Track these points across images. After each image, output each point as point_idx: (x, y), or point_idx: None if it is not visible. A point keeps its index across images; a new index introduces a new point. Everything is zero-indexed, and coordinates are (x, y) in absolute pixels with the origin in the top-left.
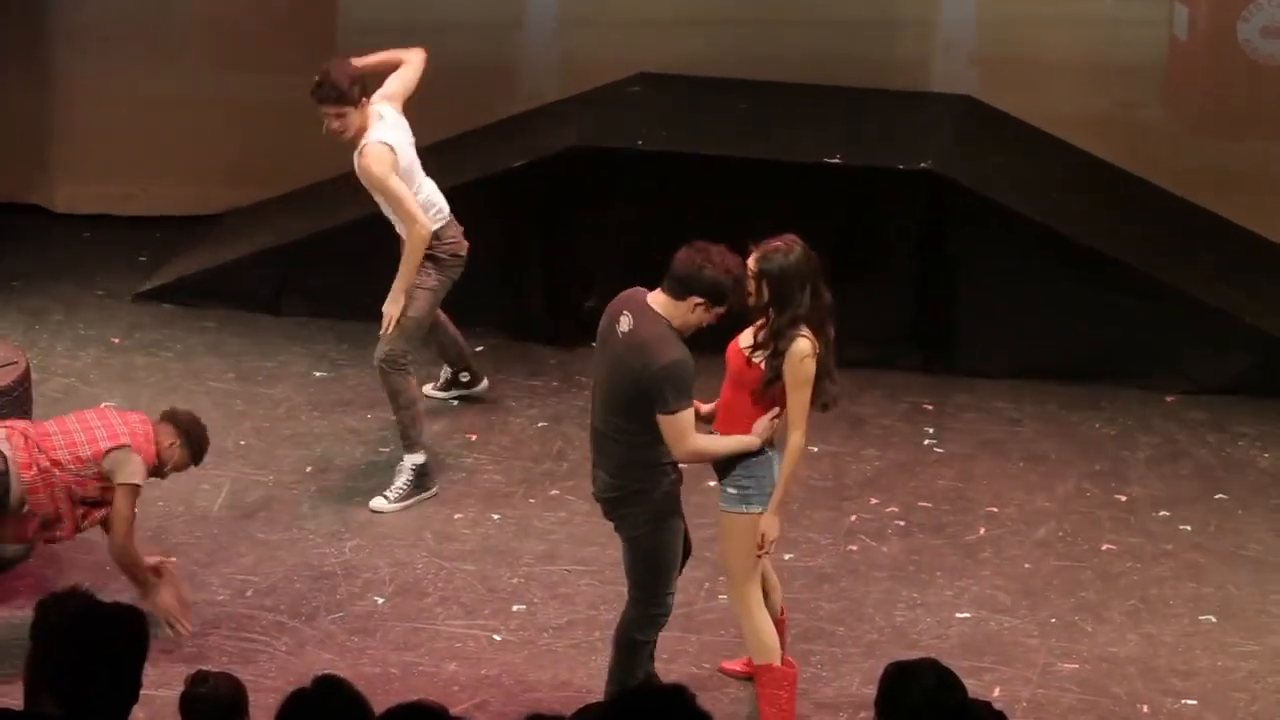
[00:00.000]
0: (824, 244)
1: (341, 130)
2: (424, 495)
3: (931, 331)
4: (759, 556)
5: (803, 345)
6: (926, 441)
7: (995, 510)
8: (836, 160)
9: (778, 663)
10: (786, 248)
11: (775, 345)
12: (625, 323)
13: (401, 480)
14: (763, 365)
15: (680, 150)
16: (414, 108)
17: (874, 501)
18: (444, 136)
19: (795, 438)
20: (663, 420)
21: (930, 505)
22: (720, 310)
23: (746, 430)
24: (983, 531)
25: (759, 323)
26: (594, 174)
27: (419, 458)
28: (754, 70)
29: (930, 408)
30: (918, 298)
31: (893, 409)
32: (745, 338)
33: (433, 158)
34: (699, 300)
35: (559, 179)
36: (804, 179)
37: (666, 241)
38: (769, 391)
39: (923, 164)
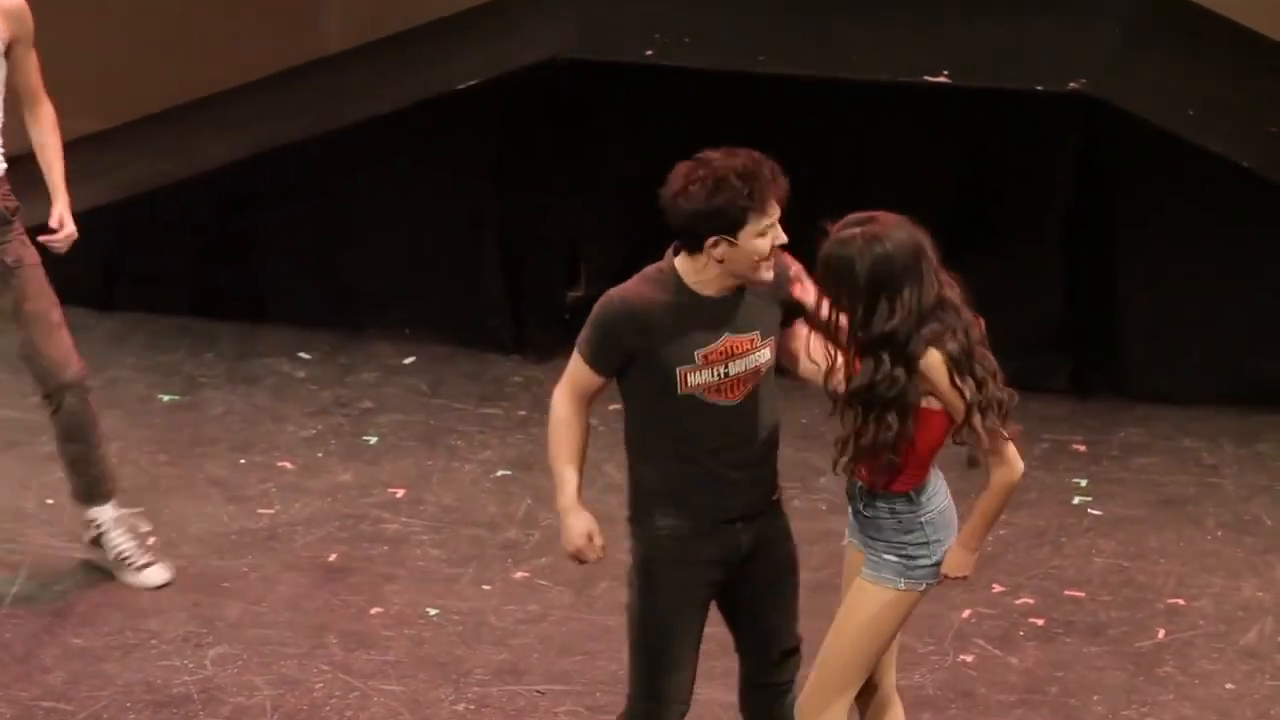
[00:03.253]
0: (927, 206)
1: None
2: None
3: (1086, 335)
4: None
5: (934, 356)
6: (1078, 499)
7: (1181, 603)
8: (942, 79)
9: None
10: (870, 236)
11: (880, 370)
12: None
13: (125, 538)
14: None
15: (708, 66)
16: (304, 3)
17: (998, 589)
18: (352, 44)
19: (999, 473)
20: None
21: (1083, 595)
22: (761, 229)
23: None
24: (1162, 635)
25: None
26: (581, 100)
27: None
28: None
29: (1083, 449)
30: (1066, 286)
31: (1028, 450)
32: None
33: (333, 74)
34: (713, 239)
35: (529, 108)
36: (893, 108)
37: None
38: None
39: (1073, 84)
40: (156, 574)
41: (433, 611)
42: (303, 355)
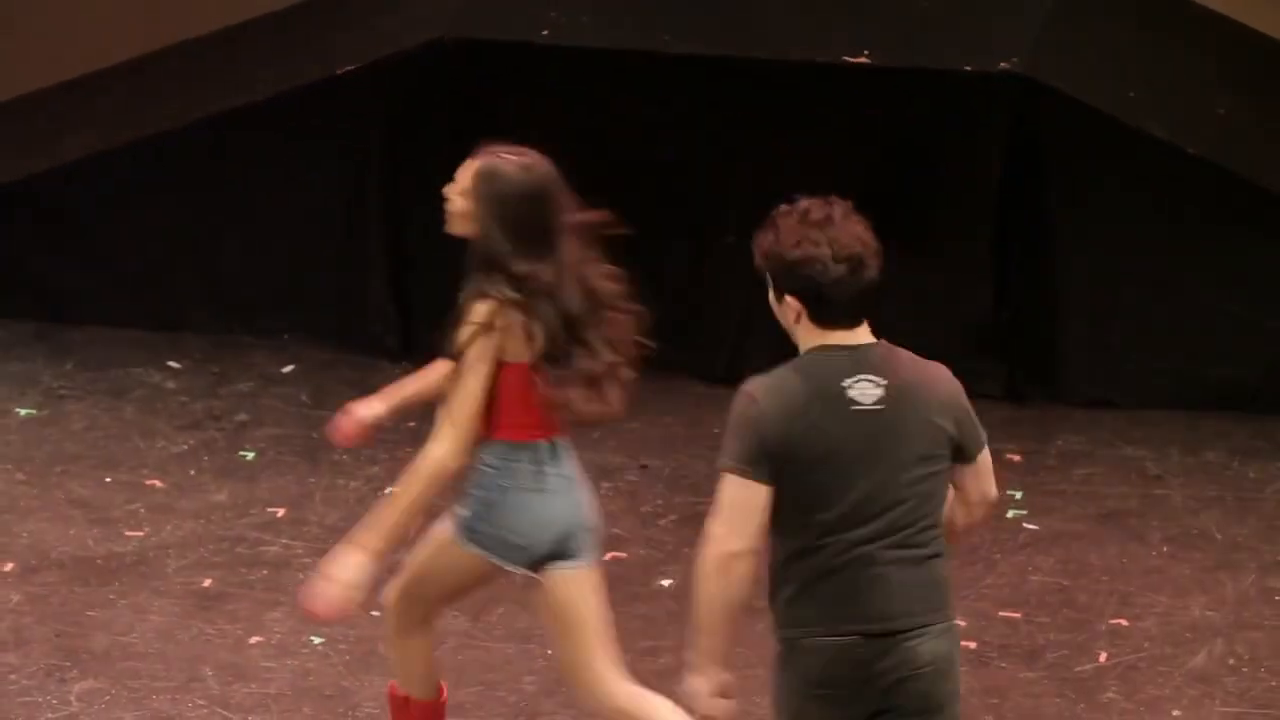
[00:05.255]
0: (845, 197)
1: None
2: None
3: (1021, 335)
4: None
5: (480, 307)
6: (1012, 512)
7: (1124, 624)
8: (863, 60)
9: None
10: (518, 159)
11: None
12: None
13: None
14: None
15: (610, 46)
16: None
17: None
18: (223, 24)
19: (433, 447)
20: None
21: (1018, 615)
22: (794, 298)
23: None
24: (1104, 658)
25: None
26: (472, 84)
27: None
28: None
29: (1018, 458)
30: (998, 283)
31: None
32: None
33: (201, 59)
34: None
35: (416, 93)
36: (812, 91)
37: (588, 191)
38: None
39: (1003, 63)
40: None
41: (317, 640)
42: (172, 364)
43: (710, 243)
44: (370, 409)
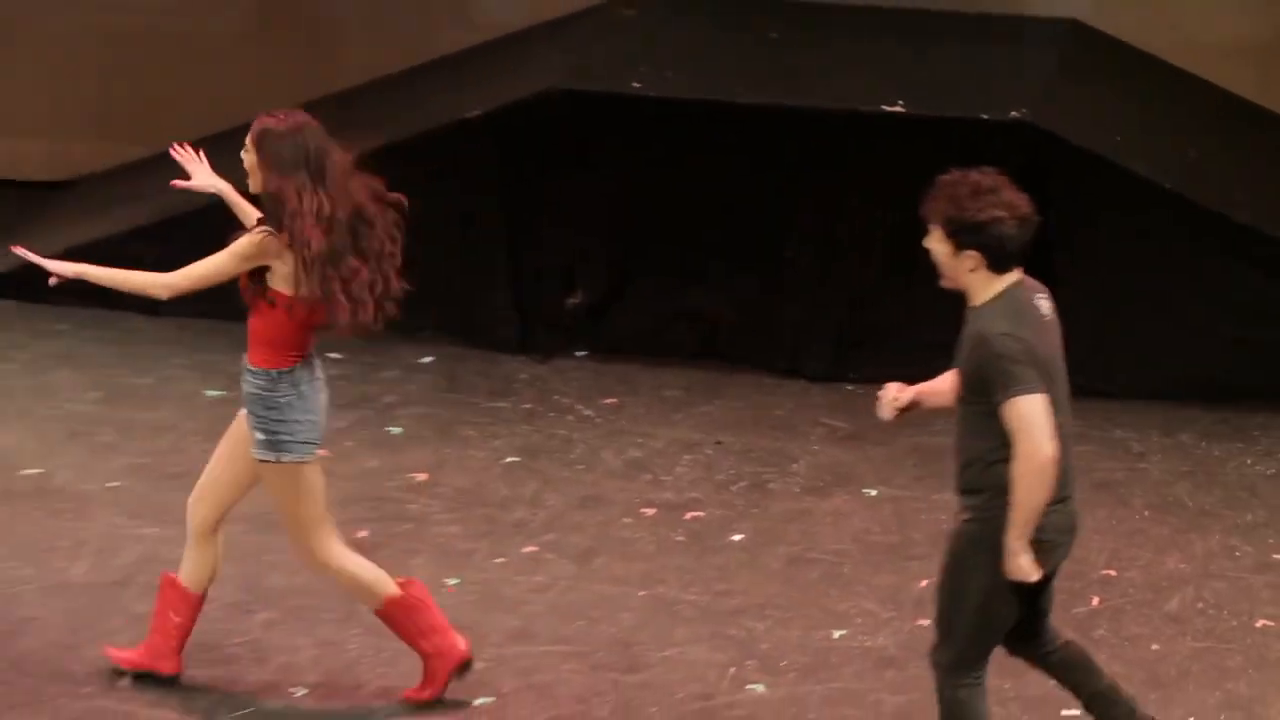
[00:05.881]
0: (882, 221)
1: None
2: None
3: None
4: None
5: (257, 236)
6: None
7: (1113, 574)
8: (897, 109)
9: (394, 591)
10: (285, 116)
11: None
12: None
13: None
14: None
15: (690, 96)
16: (327, 41)
17: None
18: (371, 77)
19: (167, 275)
20: None
21: None
22: (977, 251)
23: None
24: (1096, 602)
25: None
26: (576, 128)
27: None
28: None
29: None
30: None
31: None
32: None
33: (354, 107)
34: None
35: (530, 135)
36: (854, 134)
37: (672, 216)
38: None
39: (1014, 113)
40: None
41: (452, 581)
42: (333, 355)
43: (774, 261)
44: (215, 184)
